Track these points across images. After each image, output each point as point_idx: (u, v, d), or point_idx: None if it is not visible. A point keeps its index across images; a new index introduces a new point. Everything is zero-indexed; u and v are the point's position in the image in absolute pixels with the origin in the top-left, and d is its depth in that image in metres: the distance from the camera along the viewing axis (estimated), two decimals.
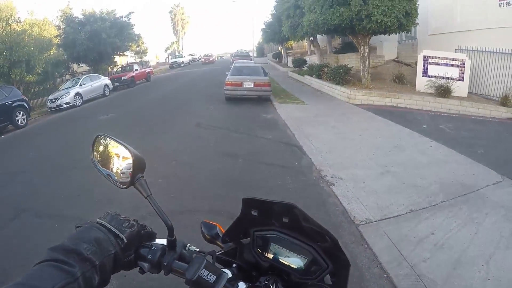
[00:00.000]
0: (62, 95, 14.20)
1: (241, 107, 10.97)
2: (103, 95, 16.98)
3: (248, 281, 0.77)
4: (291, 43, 29.07)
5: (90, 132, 1.02)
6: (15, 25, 15.78)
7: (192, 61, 44.58)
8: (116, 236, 0.72)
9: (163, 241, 0.79)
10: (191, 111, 10.71)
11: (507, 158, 5.81)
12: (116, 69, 24.00)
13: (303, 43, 27.54)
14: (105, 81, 17.79)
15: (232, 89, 11.45)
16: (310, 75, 16.10)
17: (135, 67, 22.01)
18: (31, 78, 15.34)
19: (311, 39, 19.33)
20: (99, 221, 0.74)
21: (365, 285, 2.77)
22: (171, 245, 0.77)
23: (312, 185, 4.88)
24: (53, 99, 14.18)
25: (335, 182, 4.86)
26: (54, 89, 17.40)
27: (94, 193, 4.49)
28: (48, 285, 0.55)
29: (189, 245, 0.83)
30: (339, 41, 20.60)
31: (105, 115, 10.99)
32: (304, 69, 19.11)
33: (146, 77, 22.61)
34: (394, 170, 5.21)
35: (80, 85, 15.42)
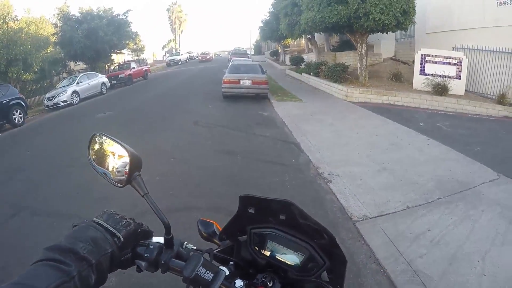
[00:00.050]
0: (59, 93, 14.13)
1: (238, 105, 10.95)
2: (100, 93, 16.94)
3: (245, 279, 0.77)
4: (289, 41, 28.97)
5: (87, 130, 1.02)
6: (12, 23, 15.73)
7: (189, 59, 44.54)
8: (112, 235, 0.72)
9: (160, 240, 0.79)
10: (188, 109, 10.67)
11: (504, 156, 5.83)
12: (113, 67, 23.90)
13: (301, 41, 27.47)
14: (102, 79, 17.72)
15: (229, 87, 11.41)
16: (307, 73, 16.08)
17: (132, 65, 21.90)
18: (28, 76, 15.31)
19: (308, 37, 19.31)
20: (96, 220, 0.74)
21: (362, 280, 2.79)
22: (168, 243, 0.77)
23: (309, 182, 4.89)
24: (50, 97, 14.12)
25: (333, 179, 4.87)
26: (51, 87, 17.35)
27: (92, 191, 4.48)
28: (43, 284, 0.54)
29: (186, 243, 0.83)
30: (336, 39, 20.58)
31: (102, 113, 10.95)
32: (301, 67, 19.06)
33: (143, 75, 22.49)
34: (391, 167, 5.23)
35: (77, 83, 15.34)
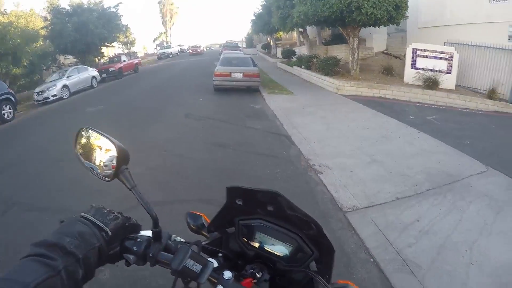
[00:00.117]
0: (49, 88, 13.87)
1: (230, 97, 10.90)
2: (91, 87, 16.69)
3: (234, 270, 0.77)
4: (281, 34, 28.86)
5: (78, 124, 1.03)
6: (1, 17, 15.37)
7: (180, 51, 44.17)
8: (100, 229, 0.71)
9: (148, 233, 0.79)
10: (180, 102, 10.59)
11: (492, 149, 5.95)
12: (104, 61, 23.59)
13: (293, 34, 27.34)
14: (93, 72, 17.44)
15: (221, 79, 11.35)
16: (299, 66, 16.08)
17: (123, 58, 21.60)
18: (18, 70, 15.00)
19: (300, 30, 19.28)
20: (83, 214, 0.74)
21: (352, 269, 2.83)
22: (156, 237, 0.77)
23: (300, 174, 4.93)
24: (39, 92, 13.84)
25: (323, 170, 4.91)
26: (41, 81, 17.03)
27: (84, 185, 4.44)
28: (29, 279, 0.55)
29: (174, 235, 0.82)
30: (328, 32, 20.55)
31: (93, 107, 10.81)
32: (293, 60, 19.04)
33: (134, 68, 22.25)
34: (381, 159, 5.29)
35: (67, 77, 15.06)
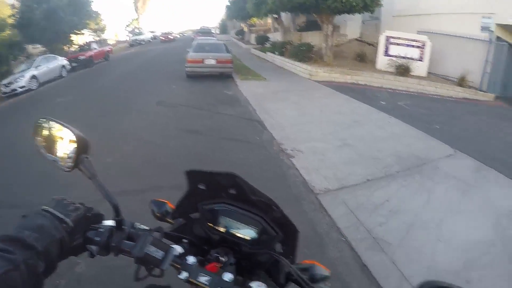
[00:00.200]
0: (16, 79, 13.16)
1: (202, 84, 10.69)
2: (61, 77, 15.97)
3: (201, 256, 0.76)
4: (255, 20, 28.58)
5: (48, 116, 0.91)
6: None
7: (153, 38, 43.29)
8: (61, 221, 0.70)
9: (111, 223, 0.77)
10: (152, 89, 10.32)
11: (461, 134, 6.18)
12: (75, 49, 22.51)
13: (267, 21, 27.11)
14: (62, 61, 16.70)
15: (193, 66, 11.14)
16: (272, 52, 16.00)
17: (93, 46, 20.82)
18: None
19: (275, 16, 19.12)
20: (44, 207, 0.72)
21: (324, 249, 2.83)
22: (118, 225, 0.75)
23: (273, 158, 4.89)
24: (7, 84, 13.09)
25: (296, 155, 4.87)
26: (8, 73, 15.99)
27: (55, 179, 4.15)
28: None
29: (137, 223, 0.80)
30: (303, 19, 20.46)
31: (63, 98, 10.30)
32: (267, 46, 18.93)
33: (105, 56, 21.47)
34: (352, 143, 5.31)
35: (35, 67, 14.36)
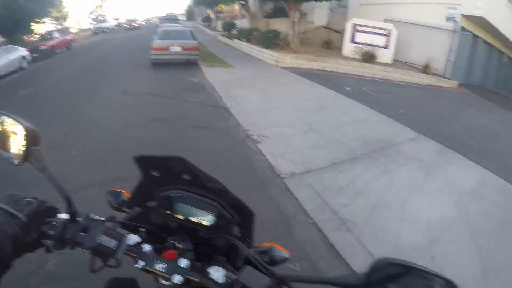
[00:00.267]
0: None
1: (168, 72, 10.43)
2: (21, 68, 14.90)
3: (159, 244, 0.75)
4: (222, 7, 28.04)
5: (10, 111, 0.78)
6: None
7: (118, 26, 41.72)
8: (13, 216, 0.67)
9: (66, 216, 0.74)
10: (116, 78, 9.90)
11: (424, 118, 6.39)
12: (36, 39, 21.11)
13: (234, 7, 26.66)
14: (23, 52, 15.56)
15: (159, 53, 10.85)
16: (239, 39, 15.83)
17: (55, 35, 19.60)
18: None
19: (242, 3, 18.87)
20: None
21: (292, 231, 2.82)
22: (72, 218, 0.73)
23: (239, 144, 4.83)
24: None
25: (262, 140, 4.82)
26: None
27: (15, 176, 3.83)
28: None
29: (92, 214, 0.78)
30: (270, 5, 20.29)
31: (25, 90, 9.61)
32: (233, 33, 18.65)
33: (67, 45, 20.35)
34: (318, 128, 5.32)
35: None
